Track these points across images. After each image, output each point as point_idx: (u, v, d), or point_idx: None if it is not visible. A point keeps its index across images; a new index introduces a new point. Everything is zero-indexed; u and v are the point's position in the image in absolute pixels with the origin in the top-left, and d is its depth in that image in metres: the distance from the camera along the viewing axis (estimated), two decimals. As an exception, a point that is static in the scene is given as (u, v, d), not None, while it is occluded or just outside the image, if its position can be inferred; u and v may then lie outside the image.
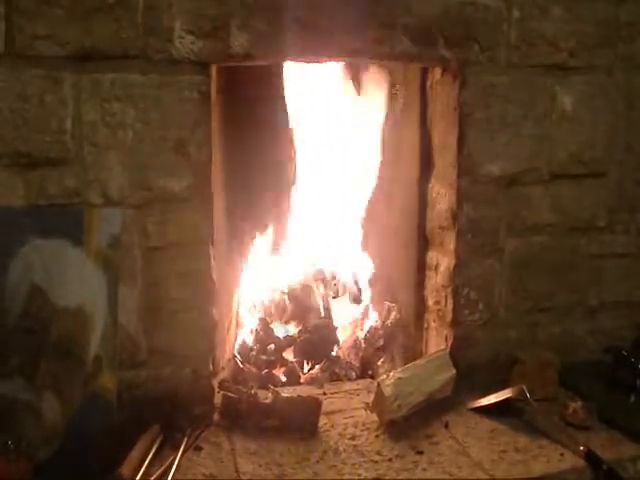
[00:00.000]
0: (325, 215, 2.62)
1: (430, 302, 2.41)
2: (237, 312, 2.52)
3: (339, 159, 2.58)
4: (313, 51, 2.02)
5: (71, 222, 1.83)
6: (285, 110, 2.42)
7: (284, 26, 1.96)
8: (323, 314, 2.57)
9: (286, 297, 2.57)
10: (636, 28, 2.32)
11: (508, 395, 2.07)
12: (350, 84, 2.52)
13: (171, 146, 1.93)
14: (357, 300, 2.65)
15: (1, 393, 1.74)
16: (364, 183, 2.60)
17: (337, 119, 2.54)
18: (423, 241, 2.43)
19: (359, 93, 2.54)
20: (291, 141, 2.51)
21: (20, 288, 1.78)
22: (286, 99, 2.42)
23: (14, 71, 1.80)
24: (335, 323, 2.57)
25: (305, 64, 2.27)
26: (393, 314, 2.54)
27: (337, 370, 2.40)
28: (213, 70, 2.01)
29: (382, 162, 2.56)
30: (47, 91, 1.82)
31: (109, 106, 1.87)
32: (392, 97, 2.53)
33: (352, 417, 2.11)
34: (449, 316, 2.28)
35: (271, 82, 2.38)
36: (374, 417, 2.07)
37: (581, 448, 1.90)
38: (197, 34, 1.89)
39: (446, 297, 2.29)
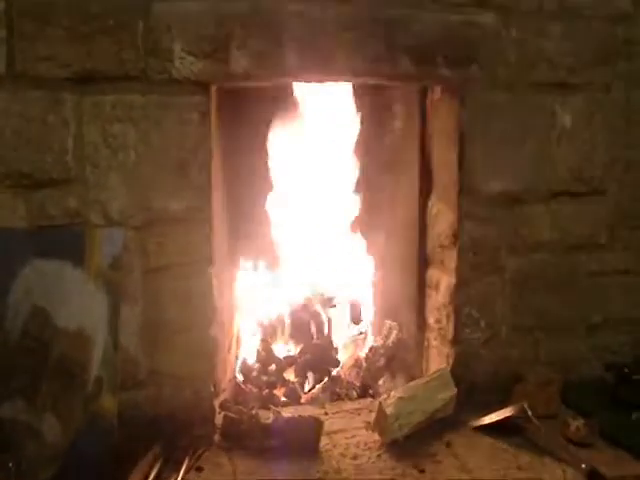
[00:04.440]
0: (326, 235, 2.62)
1: (431, 321, 2.41)
2: (238, 332, 2.51)
3: (340, 178, 2.58)
4: (313, 71, 2.03)
5: (72, 243, 1.84)
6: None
7: (284, 46, 1.97)
8: (324, 334, 2.56)
9: (287, 317, 2.56)
10: (634, 46, 2.33)
11: (510, 413, 2.07)
12: (351, 103, 2.52)
13: (172, 167, 1.94)
14: (357, 320, 2.64)
15: (1, 415, 1.74)
16: (364, 202, 2.60)
17: (337, 139, 2.54)
18: (424, 260, 2.44)
19: (359, 112, 2.54)
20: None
21: (21, 309, 1.79)
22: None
23: (16, 92, 1.81)
24: (336, 343, 2.57)
25: (305, 84, 2.29)
26: (394, 333, 2.53)
27: (338, 390, 2.40)
28: (213, 91, 2.01)
29: (382, 180, 2.56)
30: (49, 112, 1.84)
31: (110, 127, 1.88)
32: (392, 115, 2.53)
33: (354, 437, 2.10)
34: (450, 335, 2.28)
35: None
36: (376, 436, 2.06)
37: (583, 466, 1.89)
38: (197, 55, 1.91)
39: (447, 315, 2.29)
